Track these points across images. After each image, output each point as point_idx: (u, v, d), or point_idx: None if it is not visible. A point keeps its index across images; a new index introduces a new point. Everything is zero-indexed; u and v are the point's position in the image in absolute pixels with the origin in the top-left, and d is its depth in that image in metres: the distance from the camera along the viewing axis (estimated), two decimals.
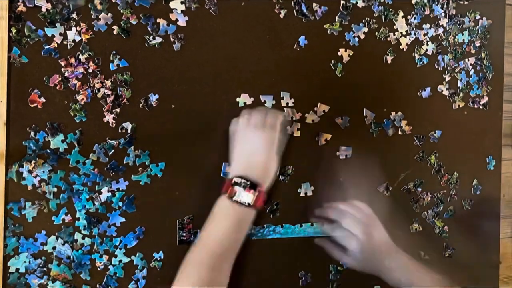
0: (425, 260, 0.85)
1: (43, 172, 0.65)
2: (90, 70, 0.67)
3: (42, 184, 0.66)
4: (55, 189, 0.66)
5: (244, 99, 0.75)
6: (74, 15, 0.66)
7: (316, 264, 0.80)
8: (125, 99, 0.69)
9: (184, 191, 0.72)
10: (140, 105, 0.70)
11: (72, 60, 0.66)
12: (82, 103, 0.67)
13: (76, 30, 0.66)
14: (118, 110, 0.69)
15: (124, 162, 0.69)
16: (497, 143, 0.93)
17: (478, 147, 0.91)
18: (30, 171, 0.65)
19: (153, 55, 0.70)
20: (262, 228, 0.76)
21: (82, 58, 0.66)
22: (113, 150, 0.69)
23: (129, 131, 0.69)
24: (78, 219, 0.67)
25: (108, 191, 0.68)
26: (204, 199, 0.72)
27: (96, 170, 0.68)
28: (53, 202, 0.66)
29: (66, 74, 0.66)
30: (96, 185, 0.68)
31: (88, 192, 0.68)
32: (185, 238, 0.72)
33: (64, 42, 0.66)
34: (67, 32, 0.66)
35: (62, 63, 0.66)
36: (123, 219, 0.69)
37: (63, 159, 0.66)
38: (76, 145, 0.67)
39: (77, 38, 0.66)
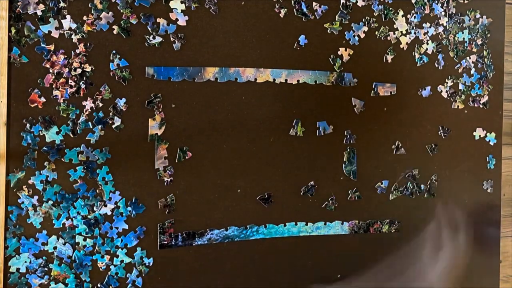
0: None
1: (47, 179, 0.65)
2: (88, 70, 0.67)
3: (43, 193, 0.66)
4: (57, 199, 0.66)
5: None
6: (62, 3, 0.65)
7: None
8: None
9: (182, 191, 0.72)
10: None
11: (73, 59, 0.66)
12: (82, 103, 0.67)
13: (71, 18, 0.66)
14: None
15: None
16: (498, 142, 0.93)
17: (478, 146, 0.91)
18: (29, 187, 0.65)
19: (153, 54, 0.70)
20: (245, 229, 0.76)
21: (75, 38, 0.66)
22: None
23: None
24: (78, 226, 0.67)
25: (111, 200, 0.69)
26: (203, 199, 0.73)
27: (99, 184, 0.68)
28: (55, 211, 0.66)
29: (65, 74, 0.66)
30: (98, 196, 0.68)
31: (91, 201, 0.68)
32: (166, 242, 0.72)
33: (61, 32, 0.65)
34: (62, 21, 0.66)
35: (60, 60, 0.66)
36: (126, 226, 0.70)
37: (63, 163, 0.66)
38: (71, 135, 0.66)
39: (73, 26, 0.66)
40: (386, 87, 0.83)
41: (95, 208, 0.68)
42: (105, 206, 0.68)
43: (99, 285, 0.68)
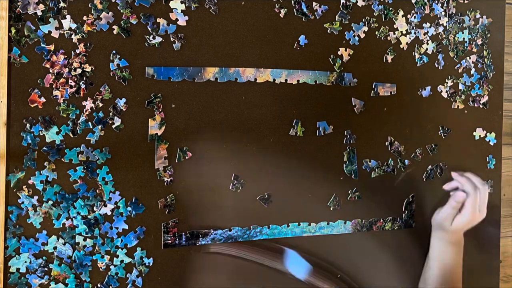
0: None
1: (47, 180, 0.65)
2: (88, 70, 0.67)
3: (43, 193, 0.66)
4: (57, 199, 0.66)
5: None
6: (62, 3, 0.65)
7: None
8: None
9: (182, 191, 0.72)
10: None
11: (73, 59, 0.66)
12: (82, 103, 0.67)
13: (71, 18, 0.66)
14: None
15: None
16: (498, 142, 0.93)
17: (478, 146, 0.91)
18: (29, 187, 0.65)
19: (153, 54, 0.70)
20: (248, 230, 0.76)
21: (75, 38, 0.66)
22: None
23: None
24: (78, 226, 0.67)
25: (111, 200, 0.69)
26: (203, 199, 0.73)
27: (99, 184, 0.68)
28: (55, 211, 0.66)
29: (65, 74, 0.66)
30: (98, 196, 0.68)
31: (91, 201, 0.68)
32: (170, 241, 0.72)
33: (61, 32, 0.65)
34: (62, 21, 0.65)
35: (60, 60, 0.66)
36: (126, 226, 0.70)
37: (63, 163, 0.66)
38: (71, 135, 0.66)
39: (73, 26, 0.66)
40: (386, 87, 0.83)
41: (95, 208, 0.68)
42: (105, 206, 0.68)
43: (99, 285, 0.68)
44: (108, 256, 0.69)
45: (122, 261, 0.70)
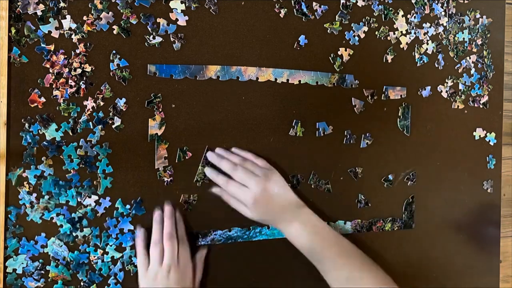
0: None
1: (43, 175, 0.65)
2: (88, 70, 0.67)
3: (40, 189, 0.66)
4: (56, 191, 0.66)
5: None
6: (62, 3, 0.65)
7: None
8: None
9: (182, 191, 0.72)
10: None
11: (73, 59, 0.66)
12: (83, 103, 0.67)
13: (71, 18, 0.66)
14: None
15: None
16: (498, 142, 0.93)
17: (479, 146, 0.91)
18: (29, 184, 0.65)
19: (153, 55, 0.70)
20: (248, 230, 0.76)
21: (75, 38, 0.66)
22: None
23: None
24: (74, 225, 0.67)
25: (109, 200, 0.68)
26: (203, 199, 0.73)
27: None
28: (52, 204, 0.66)
29: (65, 74, 0.66)
30: (97, 195, 0.68)
31: (90, 201, 0.68)
32: None
33: (61, 32, 0.65)
34: (62, 21, 0.65)
35: (60, 60, 0.66)
36: (124, 226, 0.69)
37: (61, 162, 0.66)
38: (70, 133, 0.66)
39: (73, 26, 0.66)
40: (396, 91, 0.83)
41: (93, 208, 0.68)
42: (102, 205, 0.68)
43: (97, 283, 0.68)
44: (105, 254, 0.69)
45: (119, 260, 0.69)
